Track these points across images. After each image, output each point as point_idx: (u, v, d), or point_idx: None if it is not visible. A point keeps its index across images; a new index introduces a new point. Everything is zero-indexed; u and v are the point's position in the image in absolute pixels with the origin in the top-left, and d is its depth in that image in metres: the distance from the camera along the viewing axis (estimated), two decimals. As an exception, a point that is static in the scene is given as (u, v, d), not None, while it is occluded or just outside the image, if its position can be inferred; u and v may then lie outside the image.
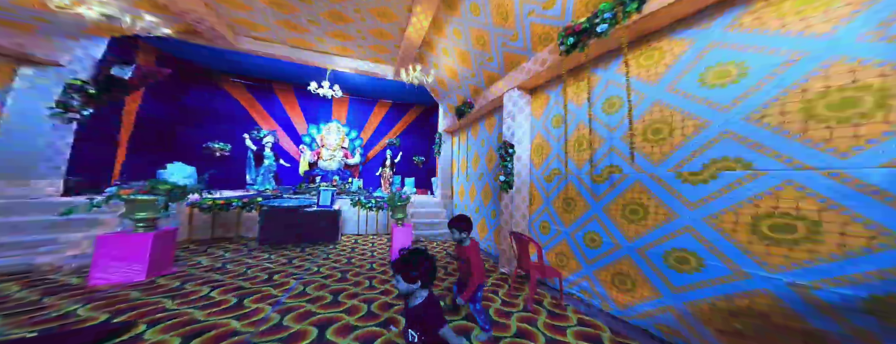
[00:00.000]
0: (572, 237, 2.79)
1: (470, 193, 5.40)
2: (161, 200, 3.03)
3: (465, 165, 5.69)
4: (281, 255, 3.96)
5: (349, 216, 5.74)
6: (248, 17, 4.67)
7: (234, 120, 7.00)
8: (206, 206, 4.59)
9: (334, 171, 7.50)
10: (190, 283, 2.76)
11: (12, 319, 1.98)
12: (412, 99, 8.48)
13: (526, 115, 3.54)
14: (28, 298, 2.32)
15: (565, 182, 2.90)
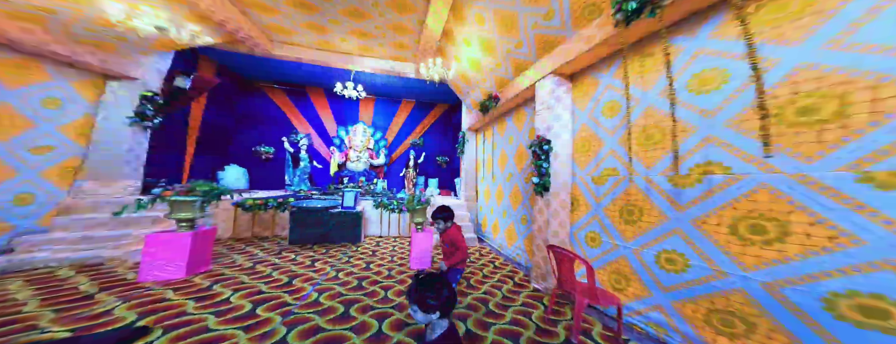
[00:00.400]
0: (636, 255, 2.16)
1: (496, 196, 4.87)
2: (198, 201, 3.05)
3: (491, 165, 5.17)
4: (306, 256, 3.86)
5: (372, 217, 5.56)
6: (278, 22, 4.73)
7: (276, 124, 7.30)
8: (247, 206, 4.77)
9: (361, 172, 7.46)
10: (219, 283, 2.75)
11: (62, 313, 2.07)
12: (435, 97, 8.17)
13: (565, 105, 2.94)
14: (88, 291, 2.48)
15: (625, 185, 2.28)
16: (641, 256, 2.11)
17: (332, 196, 5.96)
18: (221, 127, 6.63)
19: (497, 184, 4.85)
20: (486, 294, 2.69)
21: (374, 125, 8.10)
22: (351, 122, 7.79)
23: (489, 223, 5.15)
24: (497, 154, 4.88)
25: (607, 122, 2.50)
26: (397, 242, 5.03)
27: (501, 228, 4.57)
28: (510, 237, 4.20)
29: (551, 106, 2.92)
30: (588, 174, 2.68)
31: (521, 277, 3.29)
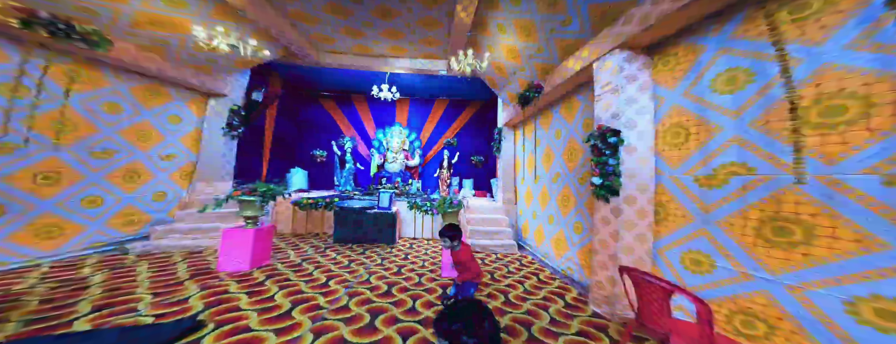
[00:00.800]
0: (795, 294, 1.42)
1: (540, 199, 4.22)
2: (258, 200, 3.25)
3: (532, 164, 4.53)
4: (344, 255, 3.87)
5: (407, 219, 5.39)
6: (320, 30, 4.90)
7: (327, 130, 7.76)
8: (302, 205, 5.12)
9: (397, 172, 7.44)
10: (271, 278, 2.88)
11: (158, 297, 2.32)
12: (468, 95, 7.75)
13: (642, 84, 2.24)
14: (180, 278, 2.79)
15: (769, 188, 1.54)
16: (811, 299, 1.36)
17: (371, 196, 5.99)
18: (288, 134, 7.34)
19: (541, 185, 4.21)
20: (529, 314, 2.22)
21: (409, 126, 8.03)
22: (388, 125, 7.85)
23: (531, 229, 4.52)
24: (540, 151, 4.23)
25: (724, 100, 1.76)
26: (430, 245, 4.76)
27: (547, 236, 3.93)
28: (559, 247, 3.55)
29: (619, 87, 2.26)
30: (687, 173, 1.96)
31: (574, 295, 2.68)
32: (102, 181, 3.58)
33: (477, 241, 4.56)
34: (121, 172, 3.78)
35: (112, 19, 3.23)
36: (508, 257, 4.13)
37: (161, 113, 4.23)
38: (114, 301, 2.23)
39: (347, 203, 5.07)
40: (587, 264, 2.88)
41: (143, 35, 3.57)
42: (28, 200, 2.98)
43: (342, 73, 6.53)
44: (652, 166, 2.16)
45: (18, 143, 2.88)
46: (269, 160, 6.68)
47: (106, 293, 2.37)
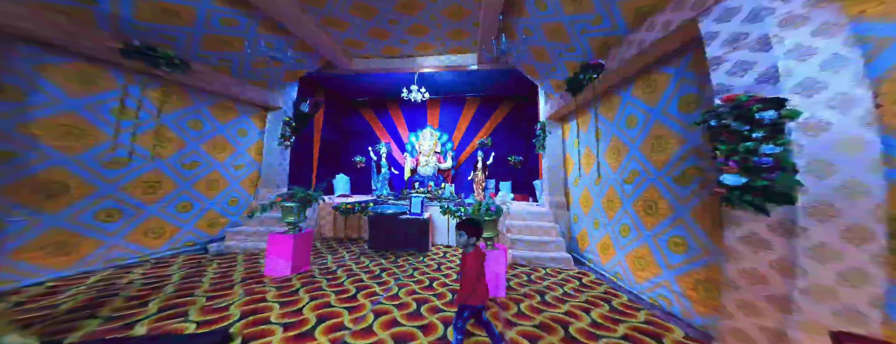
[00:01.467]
0: None
1: (605, 204, 3.32)
2: (296, 206, 3.19)
3: (591, 161, 3.65)
4: (376, 264, 3.61)
5: (440, 225, 4.87)
6: (350, 35, 4.75)
7: (366, 136, 7.76)
8: (342, 209, 5.03)
9: (429, 176, 7.02)
10: (306, 287, 2.76)
11: (208, 302, 2.33)
12: (502, 91, 7.03)
13: (822, 24, 1.36)
14: (233, 281, 2.85)
15: None
16: None
17: (404, 201, 5.65)
18: (332, 142, 7.52)
19: (604, 186, 3.32)
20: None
21: (441, 128, 7.59)
22: (420, 128, 7.51)
23: (593, 240, 3.61)
24: (604, 145, 3.34)
25: None
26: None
27: (618, 252, 3.02)
28: (640, 267, 2.64)
29: (768, 37, 1.41)
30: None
31: (678, 338, 1.86)
32: (191, 189, 4.02)
33: (521, 253, 3.81)
34: (204, 181, 4.20)
35: (187, 43, 3.55)
36: (562, 274, 3.32)
37: (232, 127, 4.60)
38: (176, 302, 2.32)
39: (381, 208, 4.76)
40: (699, 297, 1.98)
41: (212, 56, 3.90)
42: (139, 206, 3.46)
43: (375, 79, 6.39)
44: (873, 153, 1.24)
45: (124, 157, 3.27)
46: (318, 167, 6.83)
47: (175, 293, 2.50)
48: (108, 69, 3.14)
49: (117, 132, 3.15)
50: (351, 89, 7.11)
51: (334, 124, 7.63)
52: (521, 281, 3.07)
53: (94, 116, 3.02)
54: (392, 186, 7.37)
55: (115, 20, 2.98)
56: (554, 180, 4.60)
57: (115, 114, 3.15)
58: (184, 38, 3.45)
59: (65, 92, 2.85)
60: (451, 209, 4.78)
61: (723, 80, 1.65)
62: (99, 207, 3.09)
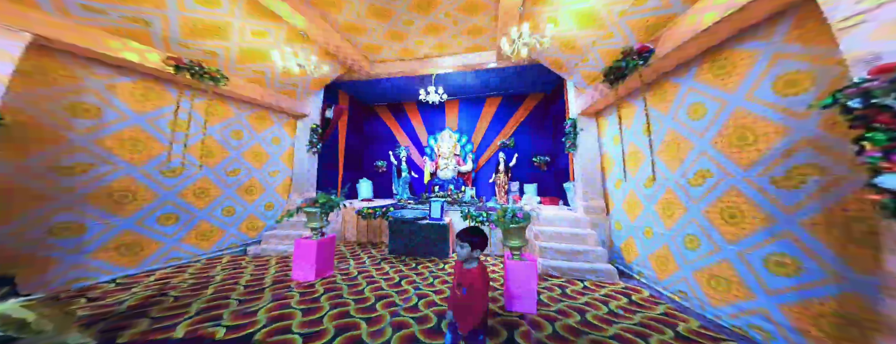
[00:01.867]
0: None
1: (661, 209, 2.78)
2: (318, 212, 3.15)
3: (638, 161, 3.14)
4: (396, 270, 3.46)
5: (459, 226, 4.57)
6: (367, 39, 4.70)
7: (386, 140, 7.72)
8: (364, 214, 4.97)
9: (449, 180, 6.76)
10: (328, 294, 2.70)
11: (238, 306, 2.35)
12: (523, 89, 6.59)
13: None
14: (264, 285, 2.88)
15: None
16: None
17: (423, 205, 5.43)
18: (356, 147, 7.60)
19: (662, 189, 2.79)
20: None
21: (460, 130, 7.30)
22: (438, 130, 7.29)
23: (643, 251, 3.07)
24: (658, 140, 2.83)
25: None
26: (487, 262, 3.82)
27: (683, 267, 2.48)
28: (717, 287, 2.10)
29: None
30: None
31: None
32: (234, 194, 4.21)
33: (550, 261, 3.37)
34: (244, 187, 4.39)
35: (225, 57, 3.71)
36: (605, 289, 2.83)
37: (267, 135, 4.76)
38: (214, 304, 2.39)
39: (400, 213, 4.56)
40: (826, 336, 1.46)
41: (246, 68, 4.03)
42: (192, 211, 3.68)
43: (393, 82, 6.30)
44: None
45: (178, 166, 3.48)
46: (343, 172, 6.89)
47: (214, 295, 2.59)
48: (163, 85, 3.39)
49: (172, 143, 3.39)
50: (370, 94, 7.09)
51: (356, 130, 7.66)
52: (555, 295, 2.66)
53: (154, 129, 3.29)
54: (412, 190, 7.23)
55: (166, 40, 3.15)
56: (589, 183, 4.08)
57: (171, 126, 3.40)
58: (222, 53, 3.62)
59: (130, 108, 3.11)
60: (473, 214, 4.44)
61: (859, 46, 1.18)
62: (160, 212, 3.35)
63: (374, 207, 4.95)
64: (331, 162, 6.51)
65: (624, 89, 3.11)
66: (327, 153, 6.29)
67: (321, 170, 5.79)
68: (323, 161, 5.86)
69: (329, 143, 6.41)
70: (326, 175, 6.25)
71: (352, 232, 5.09)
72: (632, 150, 3.20)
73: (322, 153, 5.66)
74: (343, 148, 6.94)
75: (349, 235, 5.09)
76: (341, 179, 6.82)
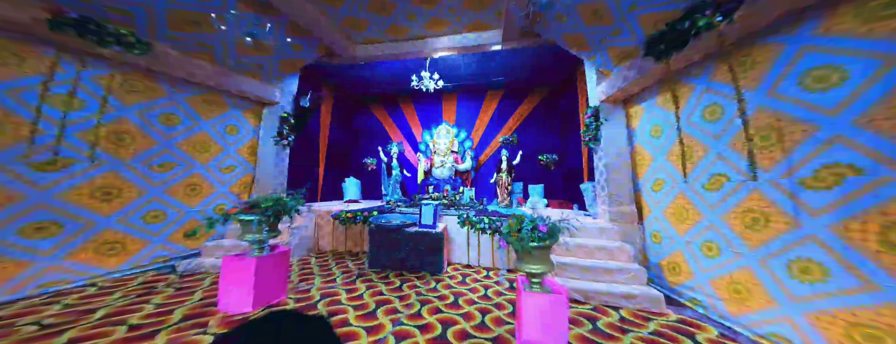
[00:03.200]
0: None
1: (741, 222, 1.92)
2: (256, 220, 2.20)
3: (694, 154, 2.32)
4: (375, 292, 2.60)
5: (458, 238, 3.69)
6: (349, 12, 3.83)
7: (377, 136, 6.79)
8: (341, 218, 4.03)
9: (446, 179, 5.88)
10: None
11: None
12: (529, 81, 5.79)
13: None
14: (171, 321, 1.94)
15: None
16: None
17: (415, 209, 4.54)
18: (342, 143, 6.66)
19: (739, 193, 1.96)
20: None
21: (458, 125, 6.45)
22: (434, 124, 6.42)
23: (705, 273, 2.24)
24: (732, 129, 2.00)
25: None
26: (492, 279, 2.95)
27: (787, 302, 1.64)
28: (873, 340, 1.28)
29: None
30: None
31: None
32: (164, 195, 3.19)
33: (574, 282, 2.53)
34: (182, 185, 3.36)
35: (148, 20, 2.78)
36: (652, 322, 2.01)
37: (219, 123, 3.75)
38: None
39: (386, 218, 3.66)
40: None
41: (184, 39, 3.10)
42: (87, 217, 2.62)
43: (384, 71, 5.40)
44: None
45: (72, 158, 2.50)
46: (325, 170, 5.91)
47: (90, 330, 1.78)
48: (38, 46, 2.33)
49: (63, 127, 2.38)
50: (359, 84, 6.16)
51: (343, 123, 6.72)
52: (585, 333, 1.85)
53: (19, 105, 2.22)
54: (405, 191, 6.35)
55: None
56: (616, 184, 3.26)
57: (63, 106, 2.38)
58: (142, 14, 2.69)
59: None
60: (472, 219, 3.58)
61: None
62: (25, 220, 2.27)
63: (354, 211, 4.03)
64: (310, 158, 5.57)
65: (680, 62, 2.30)
66: (306, 148, 5.36)
67: (295, 166, 4.84)
68: (300, 157, 5.04)
69: (309, 136, 5.51)
70: (304, 172, 5.32)
71: (327, 240, 4.13)
72: (687, 142, 2.37)
73: (298, 148, 4.82)
74: (326, 142, 5.99)
75: (324, 243, 4.14)
76: (322, 178, 5.86)
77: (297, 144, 4.80)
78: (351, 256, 3.85)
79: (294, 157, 4.75)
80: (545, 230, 1.73)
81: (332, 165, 6.22)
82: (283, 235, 3.55)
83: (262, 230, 2.21)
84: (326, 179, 6.00)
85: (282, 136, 4.22)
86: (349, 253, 4.03)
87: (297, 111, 4.59)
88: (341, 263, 3.57)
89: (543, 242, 1.69)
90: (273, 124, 4.18)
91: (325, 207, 4.49)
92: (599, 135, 3.43)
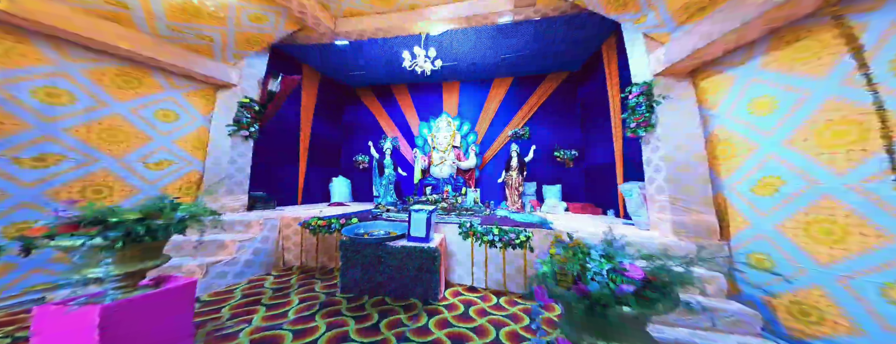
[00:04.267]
0: None
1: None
2: (86, 244, 1.13)
3: (857, 135, 1.35)
4: (340, 332, 1.73)
5: (458, 251, 2.72)
6: None
7: (370, 131, 5.82)
8: (311, 226, 3.08)
9: (446, 178, 4.93)
10: None
11: None
12: (543, 66, 4.85)
13: None
14: None
15: None
16: None
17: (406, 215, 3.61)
18: (330, 138, 5.73)
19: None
20: None
21: (460, 116, 5.52)
22: (433, 116, 5.49)
23: (879, 322, 1.25)
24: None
25: None
26: (505, 310, 1.90)
27: None
28: None
29: None
30: None
31: None
32: (44, 199, 2.18)
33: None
34: (77, 184, 2.36)
35: None
36: None
37: (143, 107, 2.81)
38: None
39: (364, 227, 2.73)
40: None
41: None
42: None
43: (376, 54, 4.48)
44: None
45: None
46: (308, 167, 4.95)
47: None
48: None
49: None
50: (347, 71, 5.23)
51: (331, 115, 5.77)
52: None
53: None
54: (399, 192, 5.42)
55: None
56: (683, 184, 2.28)
57: None
58: None
59: None
60: (477, 230, 2.64)
61: None
62: None
63: (330, 217, 3.10)
64: (287, 154, 4.61)
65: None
66: (280, 142, 4.41)
67: (264, 163, 3.92)
68: (270, 152, 4.08)
69: (285, 129, 4.55)
70: (277, 170, 4.37)
71: (295, 252, 3.17)
72: (847, 114, 1.39)
73: (266, 141, 3.89)
74: (308, 137, 5.04)
75: (291, 257, 3.19)
76: (304, 177, 4.93)
77: (267, 137, 3.91)
78: (323, 275, 2.90)
79: (262, 151, 3.81)
80: (640, 277, 0.78)
81: (317, 163, 5.28)
82: (228, 249, 2.61)
83: (95, 262, 1.17)
84: (311, 179, 5.08)
85: (241, 126, 3.29)
86: (321, 270, 3.07)
87: (265, 96, 3.68)
88: (307, 284, 2.63)
89: (647, 307, 0.73)
90: (231, 111, 3.29)
91: (306, 211, 3.57)
92: (654, 119, 2.46)
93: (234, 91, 3.37)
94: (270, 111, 3.77)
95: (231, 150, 3.26)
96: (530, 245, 2.49)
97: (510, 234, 2.57)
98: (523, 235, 2.53)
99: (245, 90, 3.43)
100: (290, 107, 4.65)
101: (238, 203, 3.34)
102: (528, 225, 2.71)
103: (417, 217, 2.39)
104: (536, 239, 2.50)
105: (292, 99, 4.66)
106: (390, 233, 2.48)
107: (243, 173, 3.44)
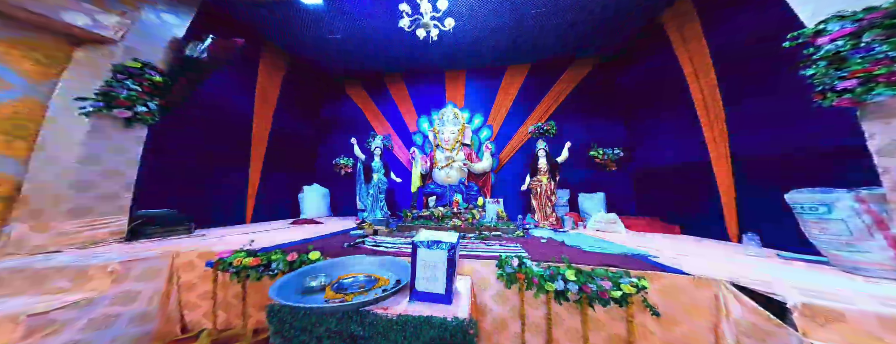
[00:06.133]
0: None
1: None
2: None
3: None
4: None
5: (495, 308, 1.44)
6: None
7: (356, 128, 4.55)
8: (231, 268, 1.61)
9: (454, 186, 3.66)
10: None
11: None
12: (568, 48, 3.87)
13: None
14: None
15: None
16: None
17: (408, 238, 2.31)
18: (301, 136, 4.41)
19: None
20: None
21: (468, 109, 4.40)
22: (436, 108, 4.33)
23: None
24: None
25: None
26: None
27: None
28: None
29: None
30: None
31: None
32: None
33: None
34: None
35: None
36: None
37: None
38: None
39: (331, 271, 1.39)
40: None
41: None
42: None
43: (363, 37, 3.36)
44: None
45: None
46: (264, 173, 3.52)
47: None
48: None
49: None
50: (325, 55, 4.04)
51: (305, 109, 4.50)
52: None
53: None
54: (393, 205, 4.10)
55: None
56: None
57: None
58: None
59: None
60: (531, 270, 1.40)
61: None
62: None
63: (263, 252, 1.71)
64: (228, 155, 3.17)
65: None
66: (218, 137, 3.01)
67: (175, 164, 2.56)
68: (193, 150, 2.81)
69: (228, 123, 3.16)
70: (217, 178, 2.98)
71: (205, 309, 1.71)
72: None
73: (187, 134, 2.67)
74: (265, 133, 3.62)
75: (197, 315, 1.72)
76: (257, 185, 3.48)
77: (187, 127, 2.57)
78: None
79: (173, 148, 2.47)
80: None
81: (282, 168, 3.89)
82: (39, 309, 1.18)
83: None
84: (269, 188, 3.63)
85: (114, 101, 1.91)
86: (253, 334, 1.65)
87: (179, 64, 2.34)
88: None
89: None
90: (95, 80, 1.94)
91: (243, 237, 2.18)
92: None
93: (109, 49, 1.98)
94: (184, 86, 2.42)
95: (88, 141, 1.84)
96: (646, 300, 1.28)
97: (597, 279, 1.36)
98: (625, 283, 1.32)
99: (134, 51, 2.08)
100: (234, 90, 3.32)
101: (104, 230, 1.91)
102: (622, 260, 1.50)
103: (429, 256, 1.11)
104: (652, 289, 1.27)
105: (240, 80, 3.36)
106: (376, 282, 1.19)
107: (123, 178, 2.02)
